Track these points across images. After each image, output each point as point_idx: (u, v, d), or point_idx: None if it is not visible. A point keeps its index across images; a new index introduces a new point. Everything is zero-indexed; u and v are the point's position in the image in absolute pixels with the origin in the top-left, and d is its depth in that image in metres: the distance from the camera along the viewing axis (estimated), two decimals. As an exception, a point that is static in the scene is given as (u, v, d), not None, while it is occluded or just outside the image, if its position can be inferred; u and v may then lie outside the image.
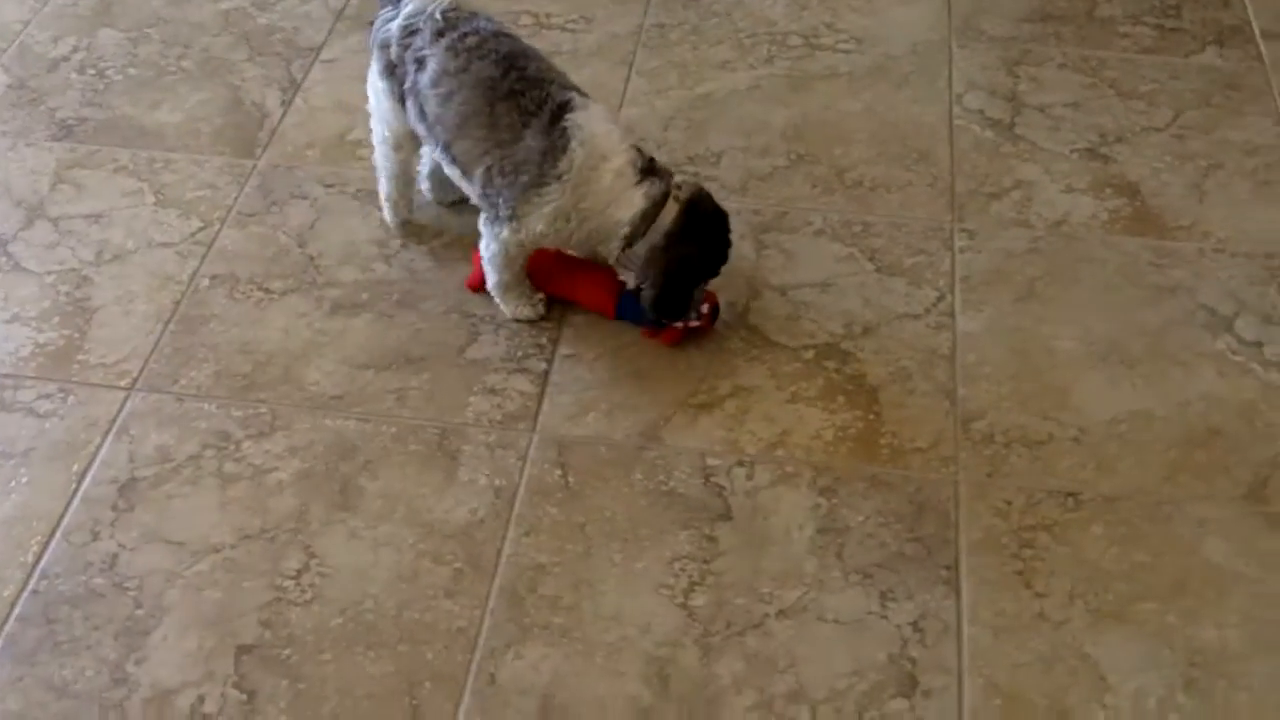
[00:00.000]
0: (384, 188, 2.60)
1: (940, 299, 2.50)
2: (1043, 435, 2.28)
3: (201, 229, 2.62)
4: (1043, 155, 2.81)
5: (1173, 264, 2.57)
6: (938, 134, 2.86)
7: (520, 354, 2.40)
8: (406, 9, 2.41)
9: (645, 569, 2.08)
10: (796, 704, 1.92)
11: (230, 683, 1.93)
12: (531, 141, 2.27)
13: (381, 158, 2.56)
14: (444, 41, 2.35)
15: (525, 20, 3.13)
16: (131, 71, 3.00)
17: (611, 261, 2.37)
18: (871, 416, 2.31)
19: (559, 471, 2.21)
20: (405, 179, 2.59)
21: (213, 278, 2.53)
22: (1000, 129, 2.87)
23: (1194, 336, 2.44)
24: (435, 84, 2.35)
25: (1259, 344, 2.43)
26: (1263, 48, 3.11)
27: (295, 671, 1.95)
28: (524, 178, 2.28)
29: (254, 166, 2.76)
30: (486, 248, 2.39)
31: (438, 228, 2.63)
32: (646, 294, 2.34)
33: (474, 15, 2.41)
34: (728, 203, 2.40)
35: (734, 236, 2.38)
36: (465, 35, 2.35)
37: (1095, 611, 2.03)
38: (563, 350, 2.41)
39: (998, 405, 2.32)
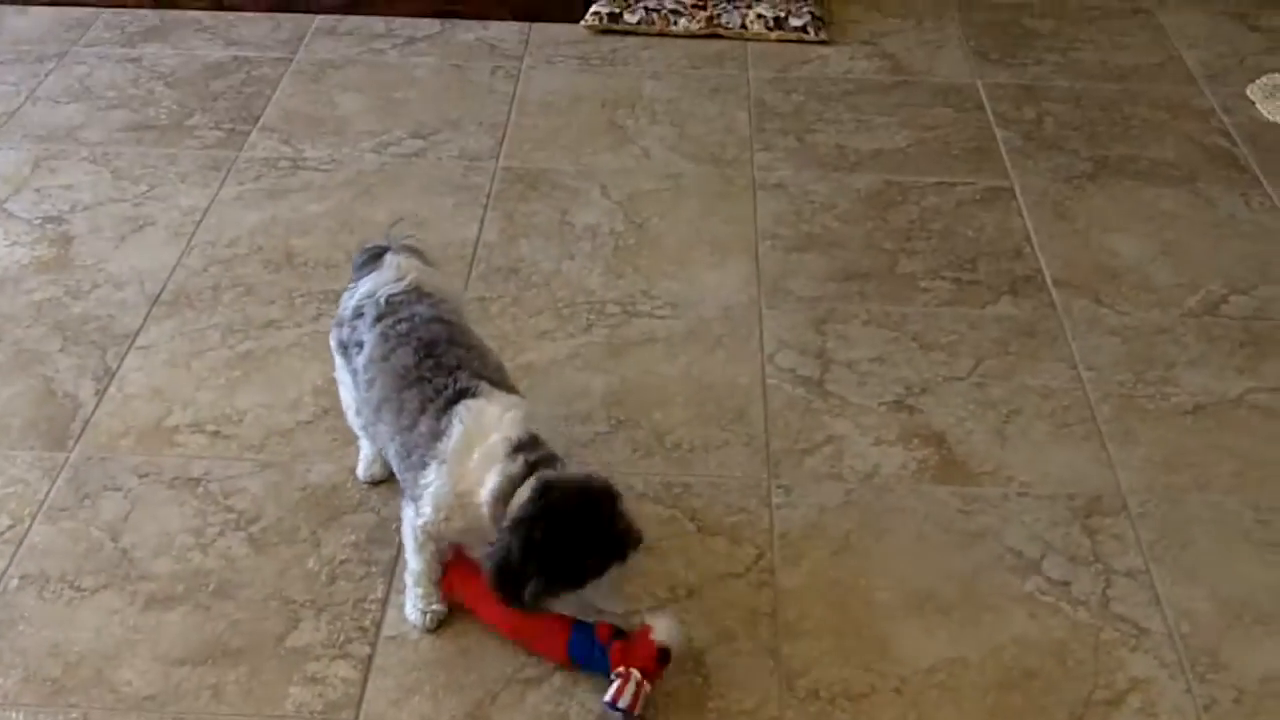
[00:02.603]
0: (362, 446, 2.64)
1: (760, 556, 2.54)
2: (865, 688, 2.30)
3: (10, 527, 2.56)
4: (852, 409, 2.90)
5: (980, 510, 2.65)
6: (752, 393, 2.94)
7: (342, 639, 2.36)
8: (362, 288, 2.46)
9: None
10: None
11: None
12: (423, 426, 2.26)
13: (349, 422, 2.59)
14: (379, 327, 2.39)
15: (345, 299, 3.17)
16: (-58, 368, 2.96)
17: None
18: (699, 680, 2.31)
19: (383, 759, 2.17)
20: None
21: (22, 578, 2.46)
22: (811, 386, 2.97)
23: (1003, 580, 2.50)
24: (365, 369, 2.39)
25: (1066, 583, 2.50)
26: (1054, 295, 3.28)
27: None
28: (413, 460, 2.28)
29: (66, 459, 2.72)
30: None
31: (254, 512, 2.61)
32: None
33: (420, 299, 2.43)
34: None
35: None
36: (399, 321, 2.38)
37: None
38: (386, 632, 2.38)
39: (820, 660, 2.34)
